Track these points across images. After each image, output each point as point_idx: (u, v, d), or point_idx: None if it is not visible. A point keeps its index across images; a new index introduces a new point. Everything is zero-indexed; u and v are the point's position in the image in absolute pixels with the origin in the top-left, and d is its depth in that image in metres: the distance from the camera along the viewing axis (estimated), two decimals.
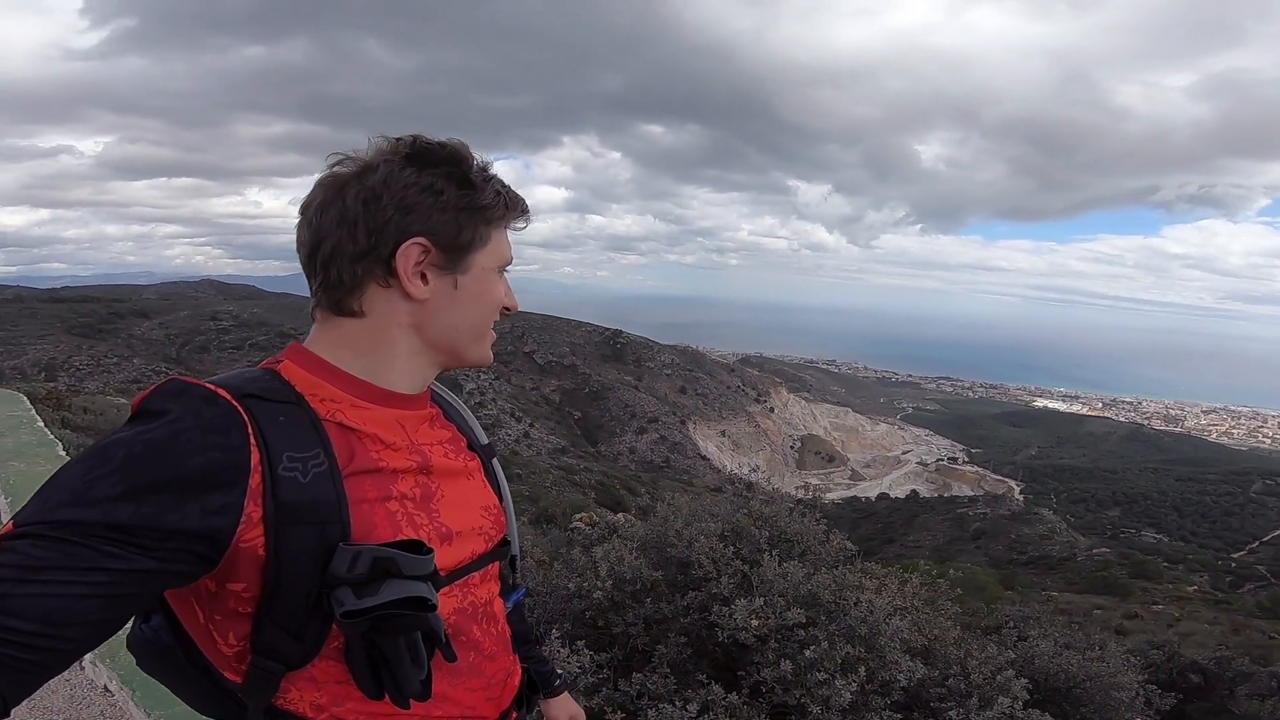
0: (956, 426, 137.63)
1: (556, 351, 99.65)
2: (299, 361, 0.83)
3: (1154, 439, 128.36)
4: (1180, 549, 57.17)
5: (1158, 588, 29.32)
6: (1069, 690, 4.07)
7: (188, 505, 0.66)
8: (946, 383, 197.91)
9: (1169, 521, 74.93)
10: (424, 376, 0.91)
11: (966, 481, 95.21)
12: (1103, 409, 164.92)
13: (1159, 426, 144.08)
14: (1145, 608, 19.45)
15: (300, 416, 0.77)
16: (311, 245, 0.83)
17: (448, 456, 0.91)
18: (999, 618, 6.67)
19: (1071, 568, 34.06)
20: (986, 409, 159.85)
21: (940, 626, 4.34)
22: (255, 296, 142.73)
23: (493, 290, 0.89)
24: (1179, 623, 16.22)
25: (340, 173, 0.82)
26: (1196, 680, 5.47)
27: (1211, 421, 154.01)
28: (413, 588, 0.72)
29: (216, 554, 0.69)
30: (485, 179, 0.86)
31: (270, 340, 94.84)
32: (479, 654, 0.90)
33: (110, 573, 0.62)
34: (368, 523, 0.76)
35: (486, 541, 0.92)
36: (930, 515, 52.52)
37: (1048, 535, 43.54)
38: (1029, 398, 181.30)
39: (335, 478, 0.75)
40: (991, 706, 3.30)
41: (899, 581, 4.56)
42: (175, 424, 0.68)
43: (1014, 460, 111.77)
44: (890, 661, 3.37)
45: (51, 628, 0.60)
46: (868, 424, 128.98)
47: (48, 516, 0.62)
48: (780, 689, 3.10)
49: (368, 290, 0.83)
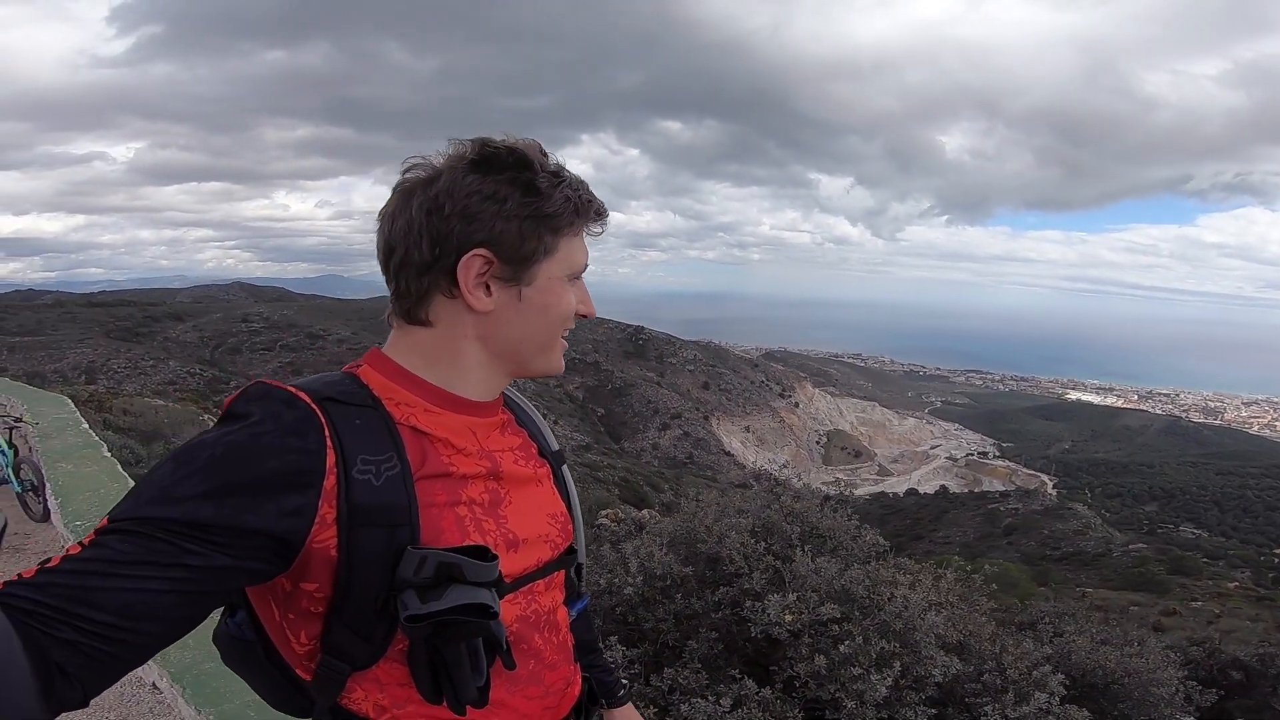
0: (986, 420, 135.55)
1: (579, 349, 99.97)
2: (377, 366, 0.84)
3: (1192, 432, 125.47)
4: (1221, 544, 55.70)
5: (1197, 584, 28.58)
6: (1106, 686, 4.01)
7: (265, 506, 0.68)
8: (976, 376, 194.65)
9: (1209, 517, 73.10)
10: (495, 385, 0.90)
11: (997, 476, 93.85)
12: (1138, 401, 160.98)
13: (1198, 419, 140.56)
14: (1184, 604, 19.05)
15: (376, 420, 0.78)
16: (385, 253, 0.83)
17: (518, 463, 0.91)
18: (1033, 614, 6.57)
19: (1107, 564, 33.45)
20: (1017, 402, 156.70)
21: (975, 622, 4.29)
22: (285, 299, 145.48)
23: (560, 301, 0.86)
24: (1219, 619, 15.83)
25: (410, 180, 0.82)
26: (1238, 677, 5.34)
27: (1253, 414, 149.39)
28: (476, 594, 0.72)
29: (291, 553, 0.71)
30: (554, 184, 0.82)
31: (300, 341, 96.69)
32: (539, 662, 0.89)
33: (189, 569, 0.64)
34: (436, 527, 0.77)
35: (553, 549, 0.91)
36: (960, 511, 51.90)
37: (1082, 531, 42.74)
38: (1061, 390, 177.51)
39: (407, 481, 0.76)
40: (1028, 702, 3.26)
41: (933, 578, 4.52)
42: (256, 426, 0.70)
43: (1046, 454, 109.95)
44: (925, 657, 3.35)
45: (130, 621, 0.62)
46: (895, 418, 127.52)
47: (136, 513, 0.65)
48: (814, 684, 3.09)
49: (434, 301, 0.82)
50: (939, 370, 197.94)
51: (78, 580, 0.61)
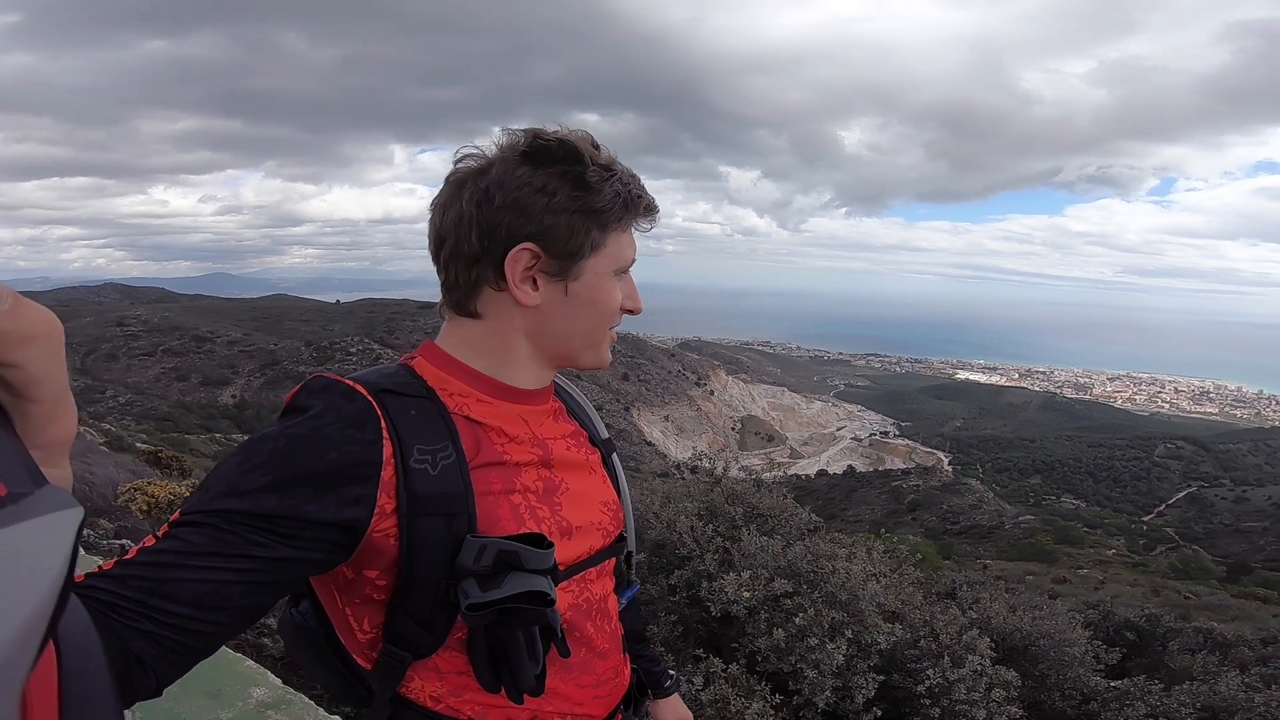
0: (886, 401, 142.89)
1: None
2: (430, 358, 0.86)
3: (1067, 407, 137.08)
4: (1097, 514, 61.38)
5: (1080, 553, 31.22)
6: (1025, 648, 4.28)
7: (326, 497, 0.70)
8: (875, 359, 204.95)
9: (1085, 487, 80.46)
10: (545, 375, 0.91)
11: (898, 455, 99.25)
12: (1019, 379, 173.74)
13: (1070, 395, 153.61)
14: (1072, 572, 20.63)
15: (431, 410, 0.79)
16: (435, 244, 0.84)
17: (570, 450, 0.91)
18: (949, 583, 6.97)
19: (1001, 536, 35.77)
20: (913, 383, 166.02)
21: (906, 592, 4.49)
22: (166, 300, 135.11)
23: (608, 296, 0.86)
24: (1104, 585, 17.20)
25: (462, 170, 0.82)
26: (1132, 638, 5.81)
27: (1116, 388, 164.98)
28: (534, 581, 0.73)
29: (352, 543, 0.73)
30: (604, 178, 0.82)
31: (185, 345, 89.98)
32: (591, 651, 0.90)
33: (254, 560, 0.67)
34: (493, 515, 0.78)
35: (604, 537, 0.92)
36: (867, 489, 54.33)
37: (977, 505, 45.58)
38: (952, 371, 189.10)
39: (463, 470, 0.77)
40: (963, 665, 3.43)
41: (865, 550, 4.71)
42: (317, 419, 0.72)
43: (941, 432, 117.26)
44: (870, 625, 3.47)
45: (201, 611, 0.64)
46: (803, 402, 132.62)
47: (205, 506, 0.67)
48: (775, 657, 3.15)
49: (483, 293, 0.83)
50: (842, 355, 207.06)
51: (153, 572, 0.63)
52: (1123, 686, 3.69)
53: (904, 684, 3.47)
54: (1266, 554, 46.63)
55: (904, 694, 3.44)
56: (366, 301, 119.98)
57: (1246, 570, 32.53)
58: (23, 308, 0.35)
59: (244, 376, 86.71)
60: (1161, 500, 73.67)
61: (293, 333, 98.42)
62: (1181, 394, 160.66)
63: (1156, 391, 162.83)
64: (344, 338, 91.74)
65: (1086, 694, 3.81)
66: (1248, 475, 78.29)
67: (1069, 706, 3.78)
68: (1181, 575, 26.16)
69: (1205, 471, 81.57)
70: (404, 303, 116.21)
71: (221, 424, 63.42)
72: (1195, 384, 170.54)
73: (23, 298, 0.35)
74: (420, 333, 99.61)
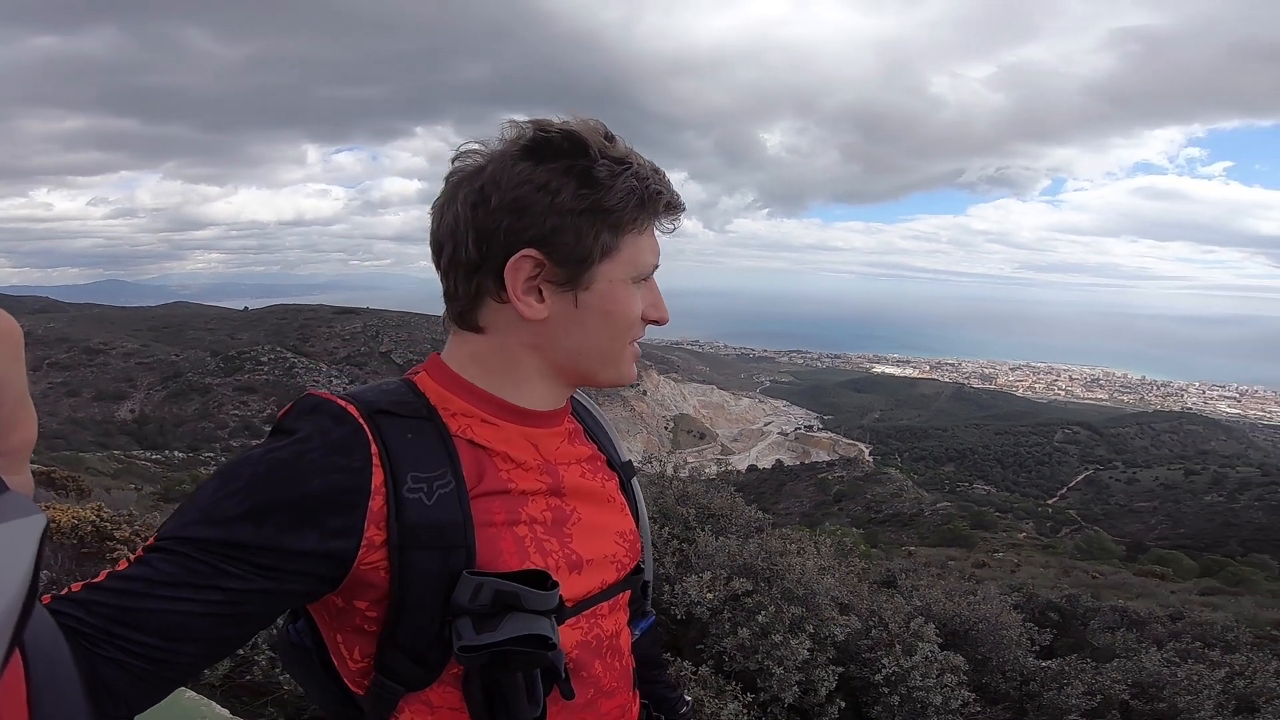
0: (809, 396, 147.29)
1: (418, 350, 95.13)
2: (434, 373, 0.79)
3: (974, 396, 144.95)
4: (1006, 498, 65.07)
5: (995, 536, 32.90)
6: (966, 633, 4.42)
7: (306, 527, 0.64)
8: (798, 355, 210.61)
9: (994, 473, 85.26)
10: (559, 394, 0.83)
11: (823, 448, 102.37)
12: (930, 371, 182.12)
13: (977, 385, 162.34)
14: (990, 556, 21.53)
15: (430, 432, 0.72)
16: (434, 251, 0.77)
17: (585, 476, 0.84)
18: (886, 572, 7.20)
19: (922, 523, 37.34)
20: (834, 378, 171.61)
21: (852, 583, 4.59)
22: (50, 310, 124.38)
23: (625, 306, 0.77)
24: (1020, 568, 17.94)
25: (460, 169, 0.74)
26: (1055, 618, 6.08)
27: (1018, 378, 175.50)
28: (535, 624, 0.68)
29: (337, 576, 0.68)
30: (615, 173, 0.72)
31: (74, 358, 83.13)
32: (598, 690, 0.83)
33: (227, 591, 0.62)
34: (494, 548, 0.72)
35: (619, 570, 0.85)
36: (796, 483, 55.75)
37: (898, 494, 47.48)
38: (869, 365, 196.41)
39: (462, 499, 0.71)
40: (914, 653, 3.51)
41: (814, 544, 4.80)
42: (301, 444, 0.67)
43: (862, 424, 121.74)
44: (828, 618, 3.51)
45: (170, 641, 0.60)
46: (732, 400, 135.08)
47: (179, 532, 0.63)
48: (742, 656, 3.13)
49: (485, 305, 0.75)
50: (766, 352, 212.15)
51: (119, 600, 0.60)
52: (1057, 666, 3.87)
53: (861, 674, 3.52)
54: (1158, 532, 50.80)
55: (861, 684, 3.49)
56: (278, 308, 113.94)
57: (1143, 549, 34.85)
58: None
59: (143, 390, 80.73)
60: (1063, 484, 78.39)
61: (196, 342, 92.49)
62: (1075, 381, 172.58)
63: (1053, 380, 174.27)
64: (254, 346, 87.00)
65: (1026, 675, 3.97)
66: (1136, 457, 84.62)
67: (1011, 688, 3.93)
68: (1086, 555, 27.91)
69: (1100, 455, 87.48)
70: (319, 308, 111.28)
71: (120, 440, 59.00)
72: (1087, 372, 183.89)
73: None
74: (337, 339, 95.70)
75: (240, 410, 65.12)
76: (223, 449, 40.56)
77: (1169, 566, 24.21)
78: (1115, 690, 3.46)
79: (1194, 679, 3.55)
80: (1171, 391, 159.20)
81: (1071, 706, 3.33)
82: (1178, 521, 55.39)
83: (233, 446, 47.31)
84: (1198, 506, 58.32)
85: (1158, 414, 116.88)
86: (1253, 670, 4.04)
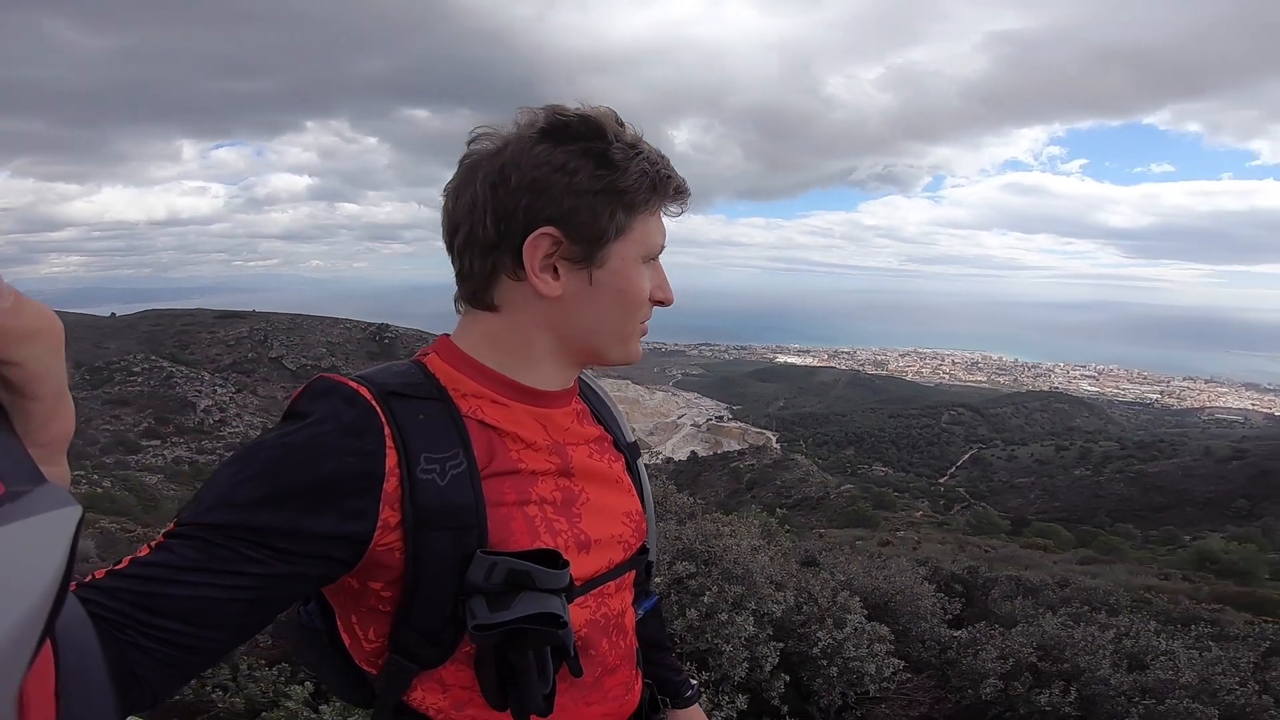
0: (719, 387, 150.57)
1: (311, 354, 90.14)
2: (444, 354, 0.80)
3: (869, 382, 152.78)
4: (903, 479, 68.80)
5: (895, 516, 34.77)
6: (886, 604, 4.68)
7: (324, 509, 0.65)
8: (706, 348, 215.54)
9: (890, 455, 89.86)
10: (568, 374, 0.84)
11: (733, 437, 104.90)
12: (829, 359, 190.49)
13: (871, 371, 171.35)
14: (893, 535, 22.40)
15: (441, 413, 0.73)
16: (449, 232, 0.78)
17: (593, 457, 0.85)
18: (806, 551, 7.49)
19: (828, 505, 38.77)
20: (741, 368, 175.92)
21: (781, 561, 4.78)
22: None
23: (636, 285, 0.80)
24: (920, 545, 18.77)
25: (476, 151, 0.76)
26: (960, 590, 6.46)
27: (907, 363, 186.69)
28: (546, 602, 0.69)
29: (354, 557, 0.68)
30: (629, 156, 0.75)
31: None
32: (604, 668, 0.85)
33: (249, 576, 0.63)
34: (505, 528, 0.73)
35: (625, 550, 0.86)
36: (710, 473, 56.94)
37: (804, 479, 49.24)
38: (773, 355, 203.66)
39: (474, 479, 0.72)
40: (845, 625, 3.70)
41: (745, 526, 4.95)
42: (315, 427, 0.67)
43: (768, 413, 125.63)
44: (765, 595, 3.63)
45: (193, 627, 0.61)
46: (646, 394, 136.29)
47: (199, 518, 0.63)
48: (692, 637, 3.19)
49: (500, 284, 0.77)
50: (678, 345, 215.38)
51: (142, 585, 0.60)
52: (970, 634, 4.13)
53: (799, 648, 3.66)
54: (1037, 506, 55.46)
55: (800, 658, 3.62)
56: (151, 313, 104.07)
57: (1025, 523, 37.86)
58: (24, 305, 0.35)
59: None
60: (951, 463, 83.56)
61: None
62: (958, 365, 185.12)
63: (939, 364, 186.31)
64: (125, 356, 79.35)
65: (943, 643, 4.23)
66: (1014, 435, 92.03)
67: (931, 656, 4.18)
68: (977, 531, 29.94)
69: (982, 434, 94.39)
70: (199, 312, 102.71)
71: None
72: (967, 356, 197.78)
73: (23, 295, 0.35)
74: (220, 346, 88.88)
75: (113, 425, 59.44)
76: (94, 466, 36.93)
77: (1050, 539, 26.26)
78: (1024, 654, 3.72)
79: (1089, 640, 3.86)
80: (1040, 372, 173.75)
81: (989, 670, 3.53)
82: (1053, 495, 60.61)
83: (106, 463, 43.17)
84: (1069, 480, 63.95)
85: (1030, 394, 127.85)
86: (1136, 630, 4.42)
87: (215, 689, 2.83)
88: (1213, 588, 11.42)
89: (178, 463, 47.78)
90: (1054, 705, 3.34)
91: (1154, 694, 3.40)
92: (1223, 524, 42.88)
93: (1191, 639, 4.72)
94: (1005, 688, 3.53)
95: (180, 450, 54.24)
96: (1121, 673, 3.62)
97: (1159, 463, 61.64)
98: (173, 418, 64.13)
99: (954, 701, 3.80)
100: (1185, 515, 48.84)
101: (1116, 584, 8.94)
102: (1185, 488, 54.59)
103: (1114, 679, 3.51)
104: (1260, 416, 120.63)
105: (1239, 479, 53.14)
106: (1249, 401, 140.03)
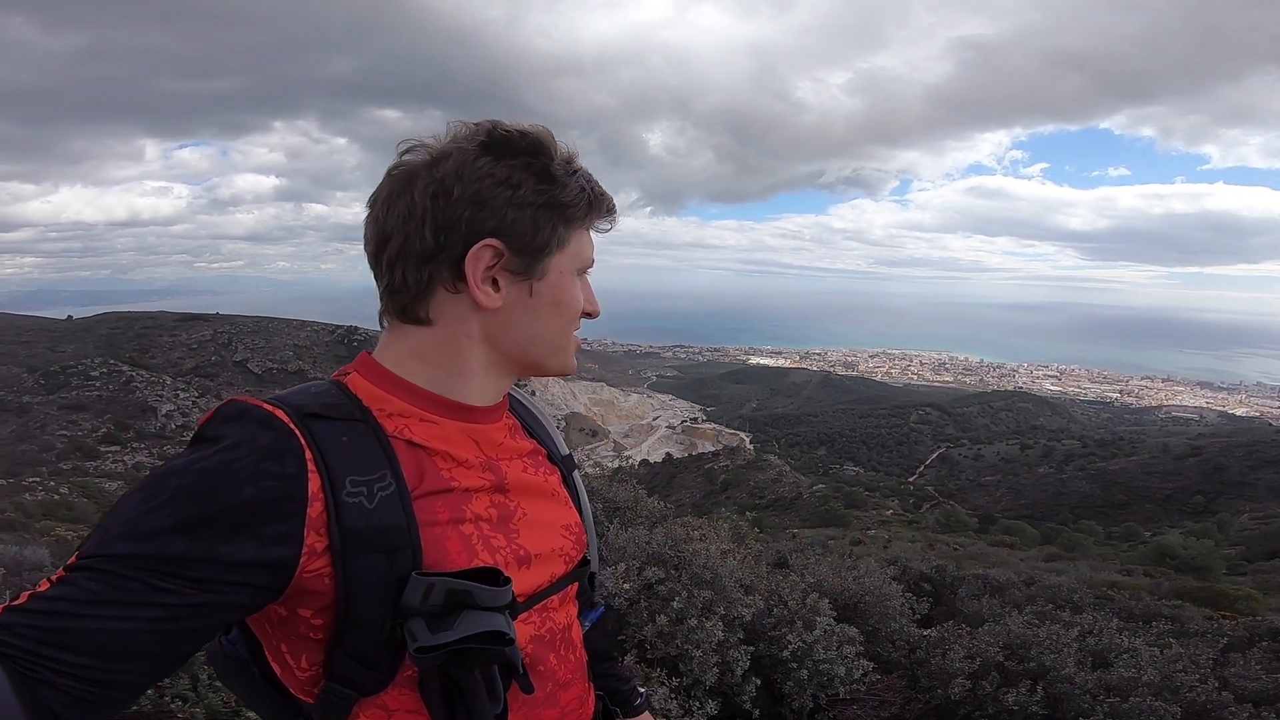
0: (692, 389, 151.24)
1: (277, 357, 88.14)
2: (366, 373, 0.77)
3: (839, 383, 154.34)
4: (873, 478, 69.56)
5: (866, 514, 35.04)
6: (855, 605, 4.69)
7: (242, 537, 0.62)
8: (680, 350, 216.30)
9: (861, 454, 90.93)
10: (500, 388, 0.84)
11: (707, 439, 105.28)
12: (800, 361, 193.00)
13: (841, 372, 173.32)
14: (864, 534, 22.47)
15: (365, 435, 0.71)
16: (377, 243, 0.75)
17: (527, 471, 0.85)
18: (777, 553, 7.50)
19: (801, 505, 38.93)
20: (714, 370, 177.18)
21: (751, 564, 4.77)
22: None
23: (572, 297, 0.81)
24: (891, 544, 18.80)
25: (410, 162, 0.75)
26: (929, 589, 6.48)
27: (876, 364, 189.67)
28: (490, 620, 0.67)
29: (279, 584, 0.65)
30: (569, 173, 0.77)
31: None
32: (555, 683, 0.84)
33: (164, 607, 0.60)
34: (440, 548, 0.71)
35: (566, 563, 0.86)
36: (685, 474, 56.80)
37: (778, 479, 49.53)
38: (745, 356, 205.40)
39: (404, 501, 0.69)
40: (815, 627, 3.69)
41: (714, 530, 4.93)
42: (229, 451, 0.64)
43: (741, 414, 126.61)
44: (734, 599, 3.61)
45: (106, 661, 0.58)
46: (621, 396, 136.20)
47: (104, 549, 0.60)
48: (662, 642, 3.16)
49: (436, 296, 0.75)
50: (652, 347, 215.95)
51: (45, 621, 0.57)
52: (938, 633, 4.15)
53: (770, 651, 3.65)
54: (1004, 504, 56.36)
55: (771, 661, 3.61)
56: (109, 316, 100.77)
57: (992, 520, 38.27)
58: None
59: None
60: (920, 461, 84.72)
61: (8, 357, 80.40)
62: (925, 366, 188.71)
63: (907, 365, 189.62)
64: (81, 359, 76.78)
65: (912, 643, 4.24)
66: (980, 435, 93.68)
67: (901, 656, 4.19)
68: (946, 529, 30.23)
69: (949, 433, 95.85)
70: (159, 315, 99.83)
71: None
72: (934, 356, 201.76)
73: None
74: (182, 349, 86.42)
75: (69, 431, 57.50)
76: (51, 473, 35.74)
77: (1016, 536, 26.73)
78: (991, 653, 3.75)
79: (1054, 639, 3.90)
80: (1005, 372, 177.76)
81: (957, 670, 3.55)
82: (1018, 493, 61.77)
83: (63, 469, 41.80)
84: (1034, 478, 65.22)
85: (995, 393, 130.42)
86: (1099, 628, 4.49)
87: (174, 699, 2.73)
88: (1173, 583, 11.69)
89: (139, 469, 46.47)
90: (1021, 704, 3.37)
91: (1118, 692, 3.44)
92: (1180, 519, 44.15)
93: (1153, 636, 4.81)
94: (973, 687, 3.54)
95: (141, 456, 52.67)
96: (1086, 671, 3.66)
97: (1119, 460, 63.23)
98: (133, 423, 62.19)
99: (924, 702, 3.81)
100: (1145, 511, 50.19)
101: (1080, 581, 9.08)
102: (1144, 485, 56.11)
103: (1079, 677, 3.54)
104: (1214, 414, 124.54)
105: (1195, 475, 54.75)
106: (1203, 400, 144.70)
